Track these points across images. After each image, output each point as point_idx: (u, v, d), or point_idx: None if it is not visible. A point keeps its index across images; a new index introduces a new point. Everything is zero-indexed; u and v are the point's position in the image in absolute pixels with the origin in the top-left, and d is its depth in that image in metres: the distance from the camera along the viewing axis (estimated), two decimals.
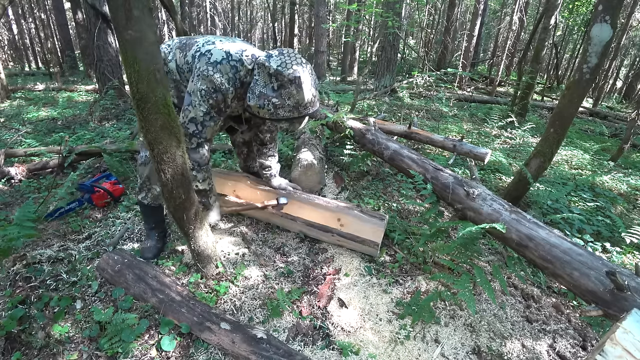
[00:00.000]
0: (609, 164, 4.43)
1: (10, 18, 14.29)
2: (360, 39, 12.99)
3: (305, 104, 1.59)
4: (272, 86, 1.56)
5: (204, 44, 1.65)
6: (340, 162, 3.32)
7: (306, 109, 1.62)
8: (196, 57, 1.62)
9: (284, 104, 1.57)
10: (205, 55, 1.60)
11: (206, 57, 1.59)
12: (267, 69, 1.54)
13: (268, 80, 1.56)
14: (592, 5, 9.86)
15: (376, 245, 1.96)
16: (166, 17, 14.12)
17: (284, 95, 1.55)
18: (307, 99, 1.58)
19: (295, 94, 1.55)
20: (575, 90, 2.43)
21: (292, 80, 1.53)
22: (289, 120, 1.64)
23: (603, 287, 1.36)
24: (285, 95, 1.55)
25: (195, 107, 1.60)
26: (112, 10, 1.07)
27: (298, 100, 1.57)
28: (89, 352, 1.40)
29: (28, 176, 2.83)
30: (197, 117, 1.61)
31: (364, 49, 16.76)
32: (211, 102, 1.59)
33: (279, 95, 1.56)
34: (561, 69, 14.59)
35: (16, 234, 1.63)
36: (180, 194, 1.46)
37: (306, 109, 1.62)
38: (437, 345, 1.57)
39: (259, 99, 1.58)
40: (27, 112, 4.96)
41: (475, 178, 2.10)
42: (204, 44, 1.65)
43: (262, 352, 1.34)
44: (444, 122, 5.71)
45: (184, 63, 1.69)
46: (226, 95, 1.60)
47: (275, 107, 1.58)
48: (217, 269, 1.83)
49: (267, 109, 1.59)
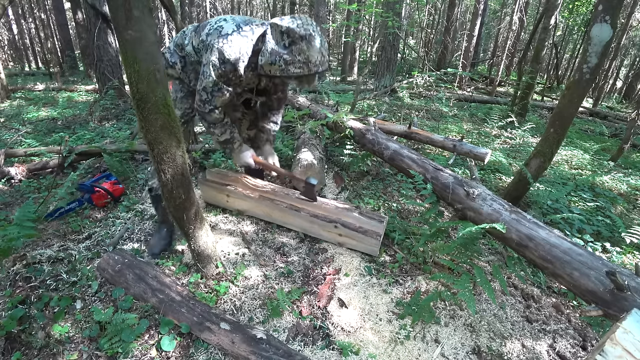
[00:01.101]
0: (609, 164, 4.42)
1: (10, 18, 14.29)
2: (360, 39, 12.98)
3: (315, 61, 1.64)
4: (284, 43, 1.61)
5: (216, 22, 1.76)
6: (340, 162, 3.32)
7: (316, 67, 1.66)
8: (210, 34, 1.73)
9: (295, 59, 1.62)
10: (217, 29, 1.70)
11: (217, 31, 1.69)
12: (279, 27, 1.61)
13: (280, 38, 1.62)
14: (592, 5, 9.86)
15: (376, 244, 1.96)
16: (166, 17, 14.11)
17: (294, 51, 1.60)
18: (317, 56, 1.64)
19: (305, 50, 1.60)
20: (575, 90, 2.43)
21: (303, 37, 1.58)
22: (299, 77, 1.69)
23: (603, 287, 1.36)
24: (296, 52, 1.60)
25: (206, 77, 1.72)
26: (112, 10, 1.07)
27: (308, 56, 1.61)
28: (89, 352, 1.40)
29: (28, 176, 2.83)
30: (207, 86, 1.74)
31: (364, 49, 16.75)
32: (220, 72, 1.69)
33: (290, 52, 1.61)
34: (561, 69, 14.58)
35: (16, 234, 1.63)
36: (180, 194, 1.46)
37: (316, 67, 1.66)
38: (437, 345, 1.57)
39: (270, 56, 1.64)
40: (27, 112, 4.96)
41: (475, 178, 2.10)
42: (216, 22, 1.76)
43: (262, 352, 1.34)
44: (444, 122, 5.71)
45: (199, 42, 1.79)
46: (236, 64, 1.69)
47: (286, 63, 1.63)
48: (217, 269, 1.83)
49: (278, 64, 1.64)
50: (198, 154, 3.27)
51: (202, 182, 2.38)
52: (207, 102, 1.79)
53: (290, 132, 3.77)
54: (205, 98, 1.78)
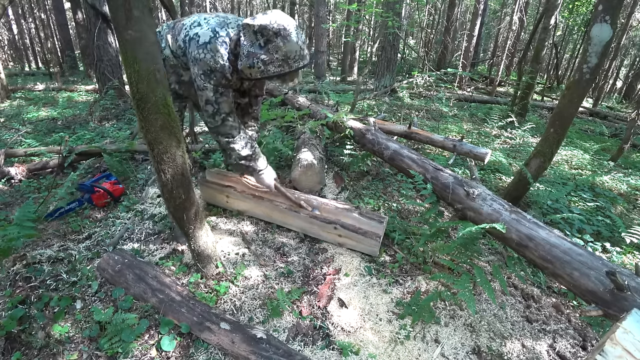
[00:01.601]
0: (609, 164, 4.42)
1: (10, 18, 14.30)
2: (360, 39, 12.99)
3: (294, 56, 1.59)
4: (259, 43, 1.56)
5: (191, 27, 1.69)
6: (340, 162, 3.32)
7: (296, 62, 1.61)
8: (186, 42, 1.67)
9: (273, 58, 1.57)
10: (194, 39, 1.64)
11: (195, 41, 1.63)
12: (251, 27, 1.55)
13: (254, 38, 1.57)
14: (592, 5, 9.86)
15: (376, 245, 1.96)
16: (166, 17, 14.12)
17: (271, 49, 1.56)
18: (295, 51, 1.58)
19: (282, 47, 1.55)
20: (575, 90, 2.43)
21: (276, 33, 1.53)
22: (281, 76, 1.64)
23: (603, 287, 1.36)
24: (272, 50, 1.56)
25: (203, 90, 1.68)
26: (112, 10, 1.07)
27: (286, 52, 1.56)
28: (89, 352, 1.40)
29: (28, 176, 2.83)
30: (209, 98, 1.70)
31: (364, 49, 16.74)
32: (212, 81, 1.66)
33: (267, 51, 1.56)
34: (561, 69, 14.58)
35: (16, 234, 1.63)
36: (180, 194, 1.46)
37: (296, 62, 1.61)
38: (437, 345, 1.57)
39: (247, 59, 1.60)
40: (27, 112, 4.96)
41: (475, 178, 2.10)
42: (191, 27, 1.69)
43: (262, 352, 1.34)
44: (444, 122, 5.71)
45: (177, 48, 1.75)
46: (223, 71, 1.65)
47: (264, 63, 1.58)
48: (217, 269, 1.83)
49: (257, 67, 1.60)
50: (198, 154, 3.27)
51: (202, 183, 2.38)
52: (216, 114, 1.74)
53: (290, 132, 3.77)
54: (213, 111, 1.73)
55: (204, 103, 1.72)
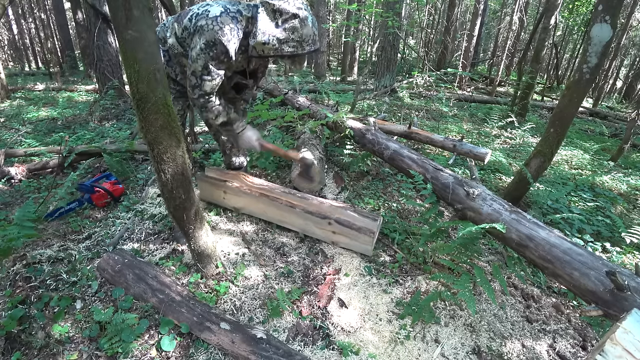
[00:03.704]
0: (609, 164, 4.42)
1: (10, 18, 14.29)
2: (360, 39, 12.98)
3: (309, 40, 1.63)
4: (277, 22, 1.60)
5: (199, 7, 1.69)
6: (340, 162, 3.32)
7: (309, 46, 1.65)
8: (193, 19, 1.66)
9: (289, 38, 1.61)
10: (203, 13, 1.63)
11: (204, 15, 1.62)
12: (270, 5, 1.59)
13: (272, 16, 1.60)
14: (592, 5, 9.86)
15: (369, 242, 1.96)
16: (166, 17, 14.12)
17: (287, 29, 1.59)
18: (310, 35, 1.62)
19: (299, 28, 1.59)
20: (575, 90, 2.43)
21: (295, 15, 1.57)
22: (292, 57, 1.67)
23: (603, 287, 1.36)
24: (289, 30, 1.59)
25: (194, 61, 1.66)
26: (112, 10, 1.07)
27: (302, 35, 1.60)
28: (89, 352, 1.40)
29: (28, 176, 2.83)
30: (195, 70, 1.67)
31: (364, 49, 16.74)
32: (211, 54, 1.63)
33: (283, 30, 1.60)
34: (561, 69, 14.58)
35: (16, 234, 1.63)
36: (180, 194, 1.46)
37: (309, 46, 1.65)
38: (437, 345, 1.57)
39: (263, 35, 1.61)
40: (27, 112, 4.96)
41: (475, 178, 2.10)
42: (199, 7, 1.69)
43: (262, 352, 1.34)
44: (444, 122, 5.71)
45: (182, 31, 1.72)
46: (227, 46, 1.63)
47: (279, 42, 1.61)
48: (217, 269, 1.83)
49: (271, 44, 1.62)
50: (198, 154, 3.27)
51: (200, 179, 2.38)
52: (196, 87, 1.72)
53: (290, 132, 3.77)
54: (194, 83, 1.72)
55: (190, 73, 1.69)
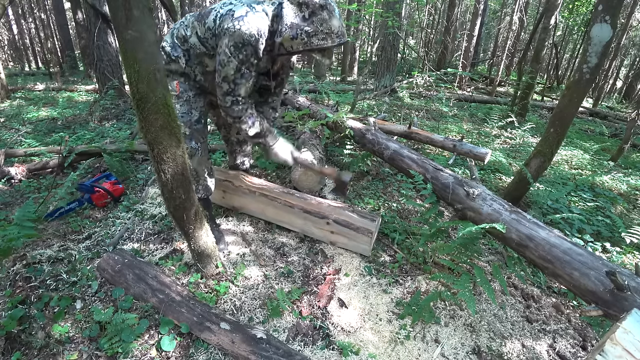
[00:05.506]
0: (609, 164, 4.42)
1: (10, 18, 14.29)
2: (360, 39, 12.99)
3: (338, 31, 1.59)
4: (303, 15, 1.56)
5: (221, 7, 1.64)
6: (340, 162, 3.32)
7: (338, 38, 1.61)
8: (218, 20, 1.61)
9: (317, 30, 1.56)
10: (228, 14, 1.58)
11: (229, 16, 1.58)
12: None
13: (298, 10, 1.56)
14: (592, 5, 9.86)
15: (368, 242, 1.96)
16: (166, 17, 14.13)
17: (316, 22, 1.55)
18: (338, 26, 1.59)
19: (327, 19, 1.55)
20: (575, 90, 2.43)
21: (323, 6, 1.53)
22: (322, 50, 1.63)
23: (603, 287, 1.36)
24: (317, 22, 1.55)
25: (225, 65, 1.60)
26: (112, 10, 1.07)
27: (331, 26, 1.56)
28: (89, 352, 1.40)
29: (28, 176, 2.83)
30: (228, 75, 1.62)
31: (364, 49, 16.74)
32: (241, 57, 1.58)
33: (311, 23, 1.55)
34: (561, 69, 14.58)
35: (16, 234, 1.63)
36: (180, 194, 1.46)
37: (338, 38, 1.61)
38: (437, 345, 1.57)
39: (291, 30, 1.57)
40: (27, 112, 4.96)
41: (475, 178, 2.10)
42: (222, 7, 1.64)
43: (262, 352, 1.34)
44: (444, 122, 5.71)
45: (205, 31, 1.67)
46: (256, 46, 1.59)
47: (308, 35, 1.57)
48: (217, 269, 1.83)
49: (300, 38, 1.58)
50: None
51: None
52: (229, 94, 1.66)
53: (290, 132, 3.77)
54: (227, 89, 1.65)
55: (221, 79, 1.64)
